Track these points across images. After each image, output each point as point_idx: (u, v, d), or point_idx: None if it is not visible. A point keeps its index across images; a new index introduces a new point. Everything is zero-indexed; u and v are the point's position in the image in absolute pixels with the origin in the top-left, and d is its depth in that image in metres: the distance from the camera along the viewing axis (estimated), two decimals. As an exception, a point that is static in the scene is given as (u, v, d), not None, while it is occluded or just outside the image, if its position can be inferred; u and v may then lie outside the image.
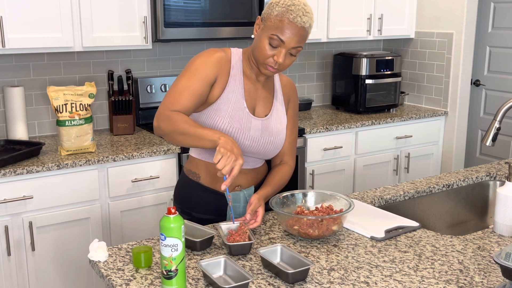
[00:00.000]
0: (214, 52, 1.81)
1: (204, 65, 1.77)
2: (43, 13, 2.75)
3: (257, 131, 1.84)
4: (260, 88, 1.88)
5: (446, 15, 3.90)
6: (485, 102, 4.10)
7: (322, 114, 3.86)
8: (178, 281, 1.37)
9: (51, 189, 2.60)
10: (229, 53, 1.85)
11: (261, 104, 1.88)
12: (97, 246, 1.59)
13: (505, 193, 1.77)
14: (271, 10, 1.73)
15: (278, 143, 1.90)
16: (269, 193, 1.85)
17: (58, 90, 2.70)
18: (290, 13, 1.70)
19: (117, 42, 2.96)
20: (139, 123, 3.39)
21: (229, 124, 1.79)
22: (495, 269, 1.52)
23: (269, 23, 1.72)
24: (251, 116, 1.83)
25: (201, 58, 1.79)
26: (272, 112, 1.89)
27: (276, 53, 1.73)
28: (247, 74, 1.85)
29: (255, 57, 1.78)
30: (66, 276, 2.74)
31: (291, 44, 1.72)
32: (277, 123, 1.90)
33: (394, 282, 1.44)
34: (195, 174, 1.93)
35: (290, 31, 1.70)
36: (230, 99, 1.80)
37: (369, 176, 3.71)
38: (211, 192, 1.90)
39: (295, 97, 2.00)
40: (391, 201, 2.12)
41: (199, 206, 1.93)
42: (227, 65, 1.82)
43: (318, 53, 4.12)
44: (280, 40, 1.71)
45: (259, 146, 1.86)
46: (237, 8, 3.22)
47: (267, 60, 1.74)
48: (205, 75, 1.76)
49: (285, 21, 1.69)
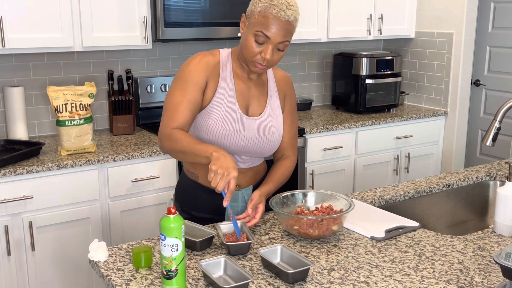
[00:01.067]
0: (202, 57, 1.81)
1: (193, 73, 1.78)
2: (43, 13, 2.75)
3: (251, 131, 1.84)
4: (252, 86, 1.87)
5: (446, 15, 3.90)
6: (485, 102, 4.10)
7: (322, 114, 3.86)
8: (178, 281, 1.37)
9: (51, 189, 2.60)
10: (218, 55, 1.84)
11: (254, 103, 1.87)
12: (97, 246, 1.59)
13: (505, 193, 1.77)
14: (254, 7, 1.72)
15: (274, 141, 1.89)
16: (271, 190, 1.85)
17: (58, 90, 2.70)
18: (273, 7, 1.68)
19: (117, 42, 2.96)
20: (139, 123, 3.39)
21: (222, 126, 1.79)
22: (495, 269, 1.52)
23: (253, 20, 1.72)
24: (244, 117, 1.83)
25: (189, 66, 1.79)
26: (266, 110, 1.88)
27: (263, 49, 1.72)
28: (238, 74, 1.85)
29: (243, 56, 1.78)
30: (66, 276, 2.74)
31: (277, 39, 1.70)
32: (272, 121, 1.89)
33: (394, 282, 1.44)
34: (193, 174, 1.93)
35: (275, 26, 1.69)
36: (222, 102, 1.80)
37: (369, 176, 3.71)
38: (210, 191, 1.90)
39: (292, 91, 1.98)
40: (391, 201, 2.12)
41: (198, 206, 1.94)
42: (216, 67, 1.82)
43: (318, 53, 4.12)
44: (265, 36, 1.70)
45: (254, 145, 1.85)
46: (237, 8, 3.22)
47: (254, 57, 1.74)
48: (196, 82, 1.77)
49: (269, 17, 1.68)
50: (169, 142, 1.74)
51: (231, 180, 1.58)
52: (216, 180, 1.57)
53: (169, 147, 1.75)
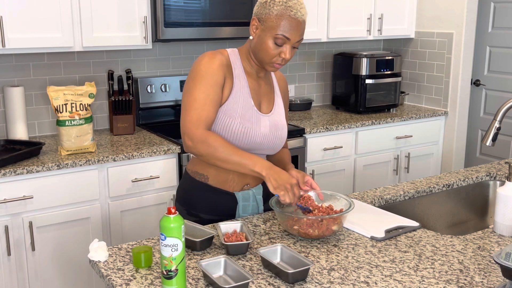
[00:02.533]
0: (215, 55, 1.80)
1: (211, 70, 1.77)
2: (43, 13, 2.75)
3: (266, 128, 1.87)
4: (263, 84, 1.92)
5: (446, 15, 3.90)
6: (485, 102, 4.10)
7: (322, 114, 3.86)
8: (178, 281, 1.37)
9: (51, 189, 2.60)
10: (227, 55, 1.85)
11: (265, 100, 1.91)
12: (97, 246, 1.59)
13: (505, 193, 1.77)
14: (269, 10, 1.73)
15: (283, 136, 1.95)
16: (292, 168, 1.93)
17: (58, 90, 2.70)
18: (290, 9, 1.72)
19: (117, 42, 2.97)
20: (139, 123, 3.39)
21: (240, 124, 1.80)
22: (495, 269, 1.52)
23: (270, 23, 1.73)
24: (259, 114, 1.86)
25: (206, 64, 1.78)
26: (275, 107, 1.94)
27: (282, 50, 1.76)
28: (248, 72, 1.87)
29: (260, 58, 1.80)
30: (66, 276, 2.74)
31: (296, 39, 1.76)
32: (280, 117, 1.95)
33: (394, 282, 1.44)
34: (202, 175, 1.91)
35: (294, 27, 1.74)
36: (239, 99, 1.82)
37: (369, 176, 3.71)
38: (220, 192, 1.89)
39: (287, 89, 2.07)
40: (391, 201, 2.12)
41: (208, 208, 1.91)
42: (229, 66, 1.83)
43: (318, 53, 4.12)
44: (286, 38, 1.74)
45: (269, 142, 1.89)
46: (237, 8, 3.22)
47: (274, 59, 1.77)
48: (215, 80, 1.77)
49: (288, 19, 1.72)
50: (204, 146, 1.71)
51: (294, 189, 1.70)
52: (286, 198, 1.68)
53: (205, 152, 1.72)
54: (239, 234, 1.64)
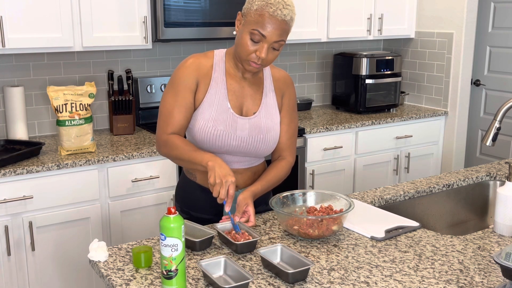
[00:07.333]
0: (193, 60, 1.83)
1: (182, 76, 1.81)
2: (43, 13, 2.75)
3: (244, 131, 1.83)
4: (246, 86, 1.86)
5: (446, 15, 3.90)
6: (485, 102, 4.10)
7: (322, 114, 3.86)
8: (178, 281, 1.37)
9: (51, 189, 2.60)
10: (212, 56, 1.85)
11: (249, 102, 1.86)
12: (97, 246, 1.59)
13: (505, 193, 1.77)
14: (251, 5, 1.72)
15: (270, 140, 1.87)
16: (258, 190, 1.83)
17: (58, 90, 2.70)
18: (270, 6, 1.68)
19: (117, 42, 2.97)
20: (139, 123, 3.39)
21: (213, 127, 1.80)
22: (495, 269, 1.52)
23: (249, 18, 1.71)
24: (236, 116, 1.83)
25: (179, 70, 1.83)
26: (261, 109, 1.87)
27: (258, 48, 1.72)
28: (231, 74, 1.85)
29: (238, 54, 1.77)
30: (66, 276, 2.74)
31: (273, 38, 1.70)
32: (267, 120, 1.87)
33: (394, 282, 1.44)
34: (192, 174, 1.94)
35: (271, 25, 1.69)
36: (213, 102, 1.81)
37: (369, 176, 3.71)
38: (208, 192, 1.88)
39: (291, 91, 1.95)
40: (391, 201, 2.12)
41: (197, 206, 1.94)
42: (207, 69, 1.83)
43: (318, 53, 4.12)
44: (261, 35, 1.69)
45: (248, 145, 1.85)
46: (237, 8, 3.20)
47: (249, 56, 1.73)
48: (185, 85, 1.80)
49: (265, 15, 1.68)
50: (166, 149, 1.81)
51: (229, 186, 1.64)
52: (217, 190, 1.64)
53: (166, 153, 1.82)
54: (242, 233, 1.64)
